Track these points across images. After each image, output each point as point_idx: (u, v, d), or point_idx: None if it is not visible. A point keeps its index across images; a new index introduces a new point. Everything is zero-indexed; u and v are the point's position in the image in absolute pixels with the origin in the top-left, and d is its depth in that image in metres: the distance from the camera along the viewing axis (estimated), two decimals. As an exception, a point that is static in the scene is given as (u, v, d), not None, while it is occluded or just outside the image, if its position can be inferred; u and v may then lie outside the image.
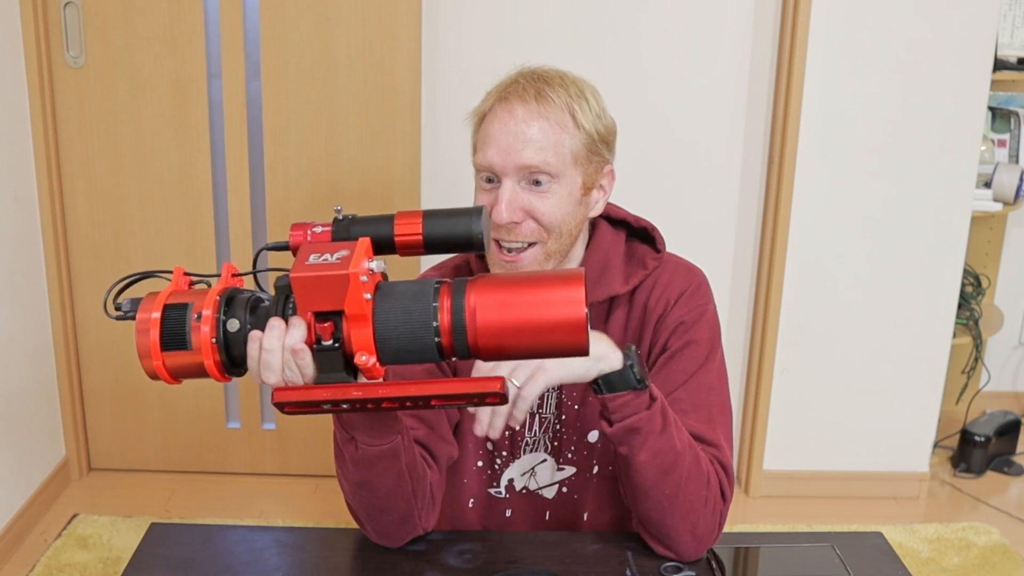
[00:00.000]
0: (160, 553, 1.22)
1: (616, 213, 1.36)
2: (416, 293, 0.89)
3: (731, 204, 2.60)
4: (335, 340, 0.90)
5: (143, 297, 0.94)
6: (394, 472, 1.14)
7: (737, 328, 2.70)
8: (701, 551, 1.21)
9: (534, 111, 1.22)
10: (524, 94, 1.23)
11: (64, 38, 2.42)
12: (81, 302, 2.61)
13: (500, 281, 0.90)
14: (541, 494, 1.36)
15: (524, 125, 1.21)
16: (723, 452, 1.24)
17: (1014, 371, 3.30)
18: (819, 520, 2.61)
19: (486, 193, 1.25)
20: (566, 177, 1.24)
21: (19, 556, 2.33)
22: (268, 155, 2.50)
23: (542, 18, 2.45)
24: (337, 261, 0.88)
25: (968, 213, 2.56)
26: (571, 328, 0.88)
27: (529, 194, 1.22)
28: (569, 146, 1.23)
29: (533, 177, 1.22)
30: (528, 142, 1.21)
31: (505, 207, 1.21)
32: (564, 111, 1.23)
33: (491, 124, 1.24)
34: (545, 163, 1.21)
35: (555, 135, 1.22)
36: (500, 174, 1.22)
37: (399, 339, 0.89)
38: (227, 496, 2.65)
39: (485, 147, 1.23)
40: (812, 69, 2.42)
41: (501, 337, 0.89)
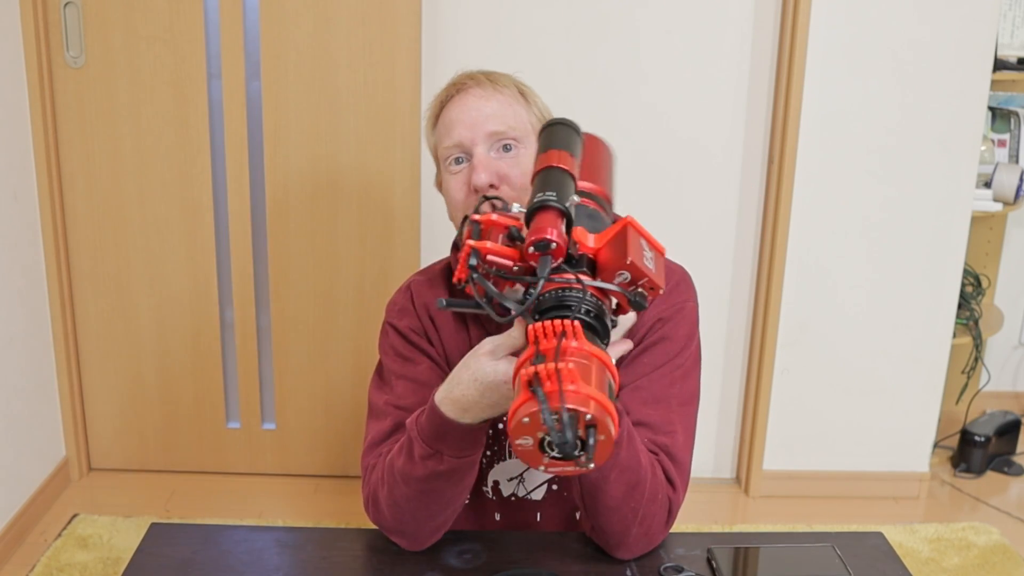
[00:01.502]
0: (160, 553, 1.22)
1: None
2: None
3: (731, 204, 2.60)
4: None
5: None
6: (466, 482, 1.17)
7: (737, 328, 2.70)
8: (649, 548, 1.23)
9: (489, 90, 1.30)
10: (474, 82, 1.31)
11: (64, 38, 2.42)
12: (81, 302, 2.61)
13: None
14: (530, 498, 1.36)
15: (483, 101, 1.28)
16: (674, 439, 1.25)
17: (1014, 371, 3.30)
18: (819, 520, 2.61)
19: (456, 175, 1.29)
20: (529, 142, 1.29)
21: (19, 556, 2.33)
22: (268, 155, 2.50)
23: (541, 18, 2.45)
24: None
25: (968, 213, 2.56)
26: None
27: (500, 160, 1.27)
28: (526, 117, 1.30)
29: (502, 143, 1.27)
30: (490, 114, 1.27)
31: (483, 170, 1.25)
32: (514, 90, 1.32)
33: (450, 111, 1.30)
34: (510, 128, 1.27)
35: (512, 107, 1.29)
36: (470, 146, 1.27)
37: None
38: (227, 496, 2.65)
39: (450, 130, 1.28)
40: (812, 69, 2.42)
41: None
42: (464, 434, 1.11)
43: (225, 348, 2.66)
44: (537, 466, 0.85)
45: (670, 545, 1.24)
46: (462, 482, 1.17)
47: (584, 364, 0.86)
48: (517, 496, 1.36)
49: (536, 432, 0.83)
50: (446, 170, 1.31)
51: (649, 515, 1.19)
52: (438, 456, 1.12)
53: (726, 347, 2.71)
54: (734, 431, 2.78)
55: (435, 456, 1.12)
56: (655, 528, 1.21)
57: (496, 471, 1.35)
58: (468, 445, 1.12)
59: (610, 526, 1.19)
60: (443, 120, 1.31)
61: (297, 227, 2.55)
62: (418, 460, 1.13)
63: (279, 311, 2.62)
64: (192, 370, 2.66)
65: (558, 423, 0.81)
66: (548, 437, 0.83)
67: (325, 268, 2.57)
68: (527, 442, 0.84)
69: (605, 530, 1.20)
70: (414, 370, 1.30)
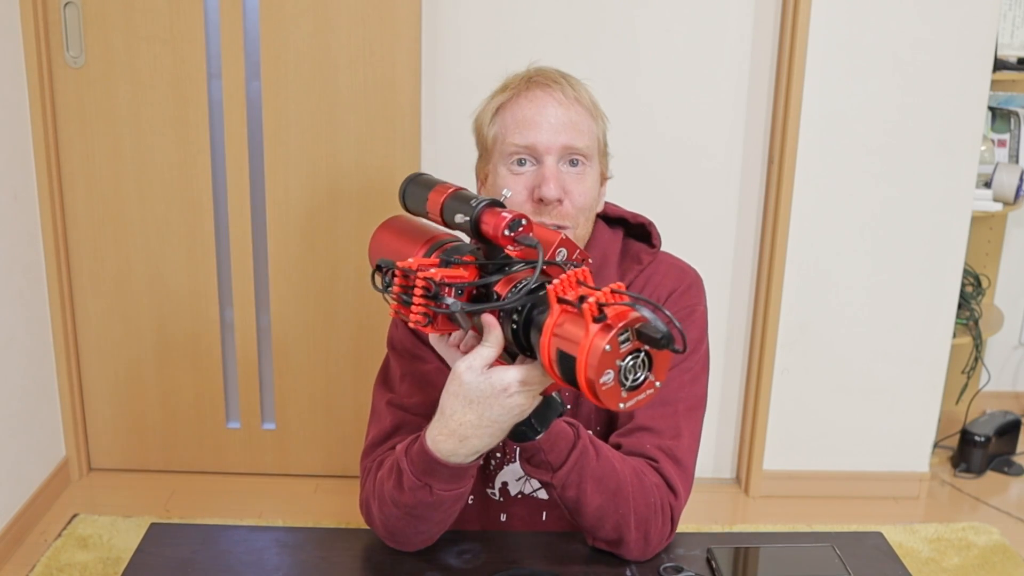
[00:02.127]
0: (160, 553, 1.22)
1: (613, 211, 1.37)
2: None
3: (731, 204, 2.60)
4: None
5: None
6: (455, 508, 1.16)
7: (737, 328, 2.70)
8: (652, 554, 1.22)
9: (570, 96, 1.26)
10: (551, 83, 1.26)
11: (64, 38, 2.42)
12: (81, 302, 2.61)
13: None
14: (537, 496, 1.36)
15: (563, 109, 1.24)
16: (678, 443, 1.25)
17: (1014, 371, 3.30)
18: (819, 520, 2.61)
19: (517, 176, 1.25)
20: (594, 162, 1.27)
21: (19, 556, 2.33)
22: (268, 155, 2.50)
23: (541, 18, 2.45)
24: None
25: (968, 213, 2.56)
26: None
27: (566, 175, 1.25)
28: (596, 133, 1.28)
29: (571, 158, 1.25)
30: (569, 124, 1.24)
31: (554, 183, 1.22)
32: (589, 101, 1.28)
33: (523, 108, 1.25)
34: (586, 145, 1.25)
35: (587, 121, 1.26)
36: (543, 153, 1.24)
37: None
38: (227, 496, 2.65)
39: (523, 129, 1.24)
40: (812, 69, 2.42)
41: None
42: (455, 470, 1.10)
43: (225, 348, 2.66)
44: (616, 405, 0.89)
45: (670, 545, 1.24)
46: (454, 507, 1.16)
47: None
48: (524, 493, 1.36)
49: (615, 361, 0.87)
50: (505, 166, 1.26)
51: (644, 519, 1.18)
52: (427, 488, 1.11)
53: (726, 347, 2.71)
54: (734, 431, 2.78)
55: (424, 488, 1.11)
56: (654, 533, 1.20)
57: (505, 472, 1.35)
58: (458, 478, 1.11)
59: (603, 533, 1.19)
60: (514, 114, 1.26)
61: (297, 227, 2.55)
62: (407, 490, 1.12)
63: (279, 311, 2.62)
64: (192, 370, 2.66)
65: (664, 317, 0.88)
66: (630, 363, 0.88)
67: (325, 268, 2.57)
68: (609, 378, 0.88)
69: (601, 538, 1.21)
70: (422, 368, 1.29)
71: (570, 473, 1.13)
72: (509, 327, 0.99)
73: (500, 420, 1.03)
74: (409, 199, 1.15)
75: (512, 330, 0.98)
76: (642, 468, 1.21)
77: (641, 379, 0.90)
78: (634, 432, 1.25)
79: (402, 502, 1.14)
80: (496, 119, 1.28)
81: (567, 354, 0.89)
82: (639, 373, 0.90)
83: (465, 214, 1.03)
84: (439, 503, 1.13)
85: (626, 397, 0.89)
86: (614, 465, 1.17)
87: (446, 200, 1.07)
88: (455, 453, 1.07)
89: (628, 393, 0.89)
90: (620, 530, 1.18)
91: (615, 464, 1.17)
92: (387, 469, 1.17)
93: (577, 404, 1.32)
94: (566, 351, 0.89)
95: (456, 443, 1.06)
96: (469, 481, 1.13)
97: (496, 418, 1.03)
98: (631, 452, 1.23)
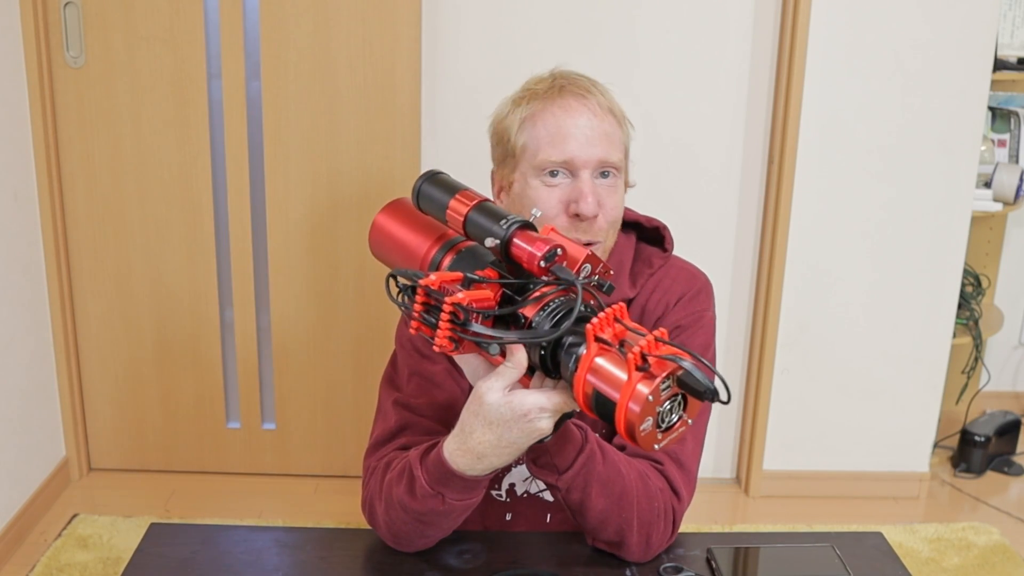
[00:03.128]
0: (160, 553, 1.22)
1: (628, 215, 1.36)
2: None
3: (731, 204, 2.60)
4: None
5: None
6: (464, 516, 1.15)
7: (737, 328, 2.70)
8: (652, 556, 1.22)
9: (604, 106, 1.24)
10: (585, 93, 1.24)
11: (64, 38, 2.42)
12: (81, 302, 2.61)
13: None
14: (542, 497, 1.36)
15: (597, 120, 1.22)
16: (683, 447, 1.25)
17: (1014, 371, 3.30)
18: (819, 520, 2.61)
19: (551, 189, 1.23)
20: (623, 173, 1.27)
21: (19, 556, 2.33)
22: (268, 155, 2.50)
23: (541, 18, 2.45)
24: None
25: (968, 213, 2.56)
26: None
27: (600, 188, 1.23)
28: (625, 143, 1.27)
29: (602, 170, 1.23)
30: (604, 136, 1.22)
31: (593, 199, 1.21)
32: (619, 110, 1.26)
33: (558, 119, 1.22)
34: (619, 159, 1.24)
35: (618, 131, 1.25)
36: (580, 167, 1.22)
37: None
38: (227, 496, 2.65)
39: (559, 142, 1.21)
40: (812, 69, 2.42)
41: None
42: (470, 482, 1.10)
43: (225, 348, 2.66)
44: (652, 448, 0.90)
45: (670, 545, 1.24)
46: (463, 515, 1.15)
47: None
48: (529, 493, 1.36)
49: (655, 409, 0.89)
50: (537, 178, 1.23)
51: (646, 523, 1.18)
52: (439, 497, 1.11)
53: (726, 347, 2.71)
54: (734, 431, 2.78)
55: (437, 497, 1.11)
56: (655, 536, 1.20)
57: (512, 475, 1.35)
58: (472, 489, 1.11)
59: (605, 536, 1.19)
60: (547, 124, 1.22)
61: (297, 226, 2.55)
62: (419, 497, 1.12)
63: (279, 311, 2.62)
64: (192, 370, 2.66)
65: (708, 371, 0.88)
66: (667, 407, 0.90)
67: (325, 268, 2.57)
68: (648, 424, 0.89)
69: (602, 539, 1.20)
70: (430, 368, 1.28)
71: (576, 477, 1.13)
72: (537, 351, 0.98)
73: (519, 442, 1.03)
74: (425, 201, 1.07)
75: (540, 355, 0.98)
76: (647, 471, 1.21)
77: (676, 420, 0.91)
78: None
79: (412, 508, 1.13)
80: (526, 127, 1.24)
81: (605, 397, 0.90)
82: (674, 415, 0.91)
83: (496, 236, 0.99)
84: (450, 511, 1.12)
85: (661, 438, 0.91)
86: (620, 469, 1.16)
87: (471, 213, 1.02)
88: (472, 468, 1.07)
89: (663, 434, 0.91)
90: (622, 533, 1.18)
91: (621, 468, 1.16)
92: (397, 472, 1.16)
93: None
94: (604, 394, 0.90)
95: (473, 460, 1.06)
96: (482, 491, 1.13)
97: (515, 440, 1.03)
98: (636, 454, 1.23)
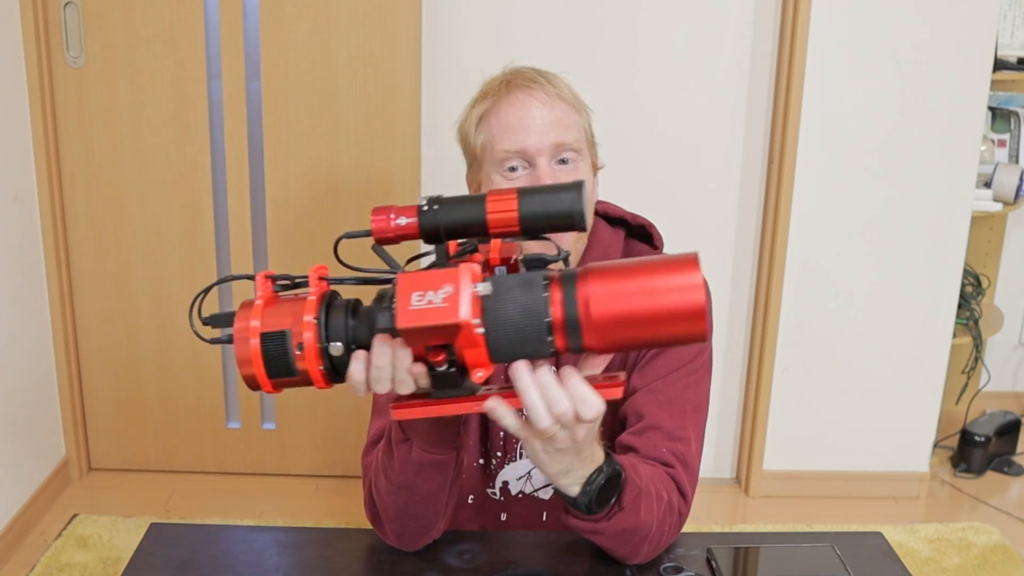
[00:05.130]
0: (160, 553, 1.22)
1: (613, 211, 1.37)
2: (526, 304, 0.83)
3: (731, 204, 2.60)
4: (450, 365, 0.86)
5: (235, 315, 0.90)
6: (438, 482, 1.14)
7: (737, 328, 2.70)
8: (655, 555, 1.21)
9: (551, 93, 1.25)
10: (530, 83, 1.25)
11: (64, 38, 2.42)
12: (81, 302, 2.61)
13: (611, 270, 0.84)
14: (538, 496, 1.36)
15: (546, 108, 1.23)
16: (688, 447, 1.24)
17: (1014, 371, 3.30)
18: (819, 520, 2.61)
19: (512, 182, 1.24)
20: (585, 155, 1.27)
21: (19, 556, 2.33)
22: (268, 155, 2.50)
23: (541, 18, 2.45)
24: (445, 305, 0.82)
25: (968, 213, 2.56)
26: (691, 316, 0.81)
27: (560, 173, 1.24)
28: (582, 125, 1.27)
29: (561, 156, 1.24)
30: (555, 121, 1.23)
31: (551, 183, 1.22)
32: (570, 95, 1.27)
33: (507, 113, 1.24)
34: (575, 140, 1.24)
35: (572, 115, 1.25)
36: (535, 156, 1.23)
37: (512, 351, 0.85)
38: (227, 496, 2.65)
39: (511, 134, 1.23)
40: (812, 69, 2.42)
41: (616, 329, 0.83)
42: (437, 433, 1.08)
43: (225, 348, 2.66)
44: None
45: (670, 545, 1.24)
46: (435, 481, 1.14)
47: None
48: (524, 493, 1.36)
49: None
50: (498, 173, 1.25)
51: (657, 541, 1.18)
52: (407, 444, 1.10)
53: (726, 347, 2.71)
54: (734, 431, 2.78)
55: (406, 444, 1.10)
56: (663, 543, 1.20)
57: (506, 472, 1.35)
58: (439, 441, 1.10)
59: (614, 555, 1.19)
60: (499, 120, 1.24)
61: (297, 227, 2.55)
62: (394, 443, 1.11)
63: (279, 311, 2.61)
64: (192, 370, 2.66)
65: None
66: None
67: (325, 268, 2.56)
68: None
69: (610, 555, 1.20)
70: None
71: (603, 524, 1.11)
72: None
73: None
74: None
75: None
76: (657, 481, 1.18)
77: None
78: (646, 431, 1.24)
79: (390, 472, 1.13)
80: (481, 127, 1.27)
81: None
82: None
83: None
84: (418, 467, 1.11)
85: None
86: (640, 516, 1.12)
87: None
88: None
89: None
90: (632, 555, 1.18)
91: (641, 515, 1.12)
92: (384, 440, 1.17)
93: None
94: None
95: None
96: (451, 453, 1.11)
97: None
98: (648, 456, 1.22)
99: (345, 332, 0.89)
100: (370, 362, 0.89)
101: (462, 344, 0.84)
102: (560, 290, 0.84)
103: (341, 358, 0.89)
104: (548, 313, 0.83)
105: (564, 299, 0.83)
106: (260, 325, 0.89)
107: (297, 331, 0.88)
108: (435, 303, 0.82)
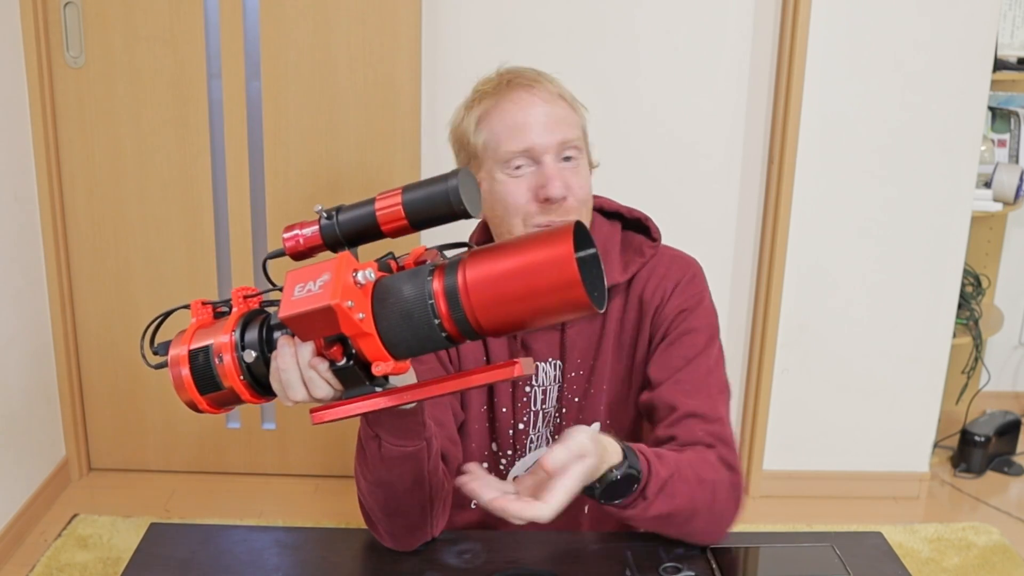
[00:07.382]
0: (160, 553, 1.22)
1: (609, 205, 1.38)
2: (412, 291, 0.87)
3: (731, 204, 2.60)
4: (348, 358, 0.89)
5: (171, 341, 0.97)
6: (413, 476, 1.13)
7: (737, 328, 2.70)
8: (725, 533, 1.23)
9: (552, 92, 1.27)
10: (531, 83, 1.27)
11: (64, 38, 2.42)
12: (81, 302, 2.61)
13: (488, 253, 0.86)
14: None
15: (549, 106, 1.25)
16: (724, 427, 1.26)
17: (1014, 371, 3.30)
18: (819, 520, 2.61)
19: (519, 180, 1.25)
20: (585, 152, 1.28)
21: (19, 556, 2.33)
22: (268, 155, 2.50)
23: (541, 18, 2.45)
24: (320, 291, 0.85)
25: (968, 213, 2.56)
26: (565, 287, 0.82)
27: (565, 170, 1.25)
28: (581, 124, 1.29)
29: (565, 153, 1.25)
30: (558, 119, 1.25)
31: (560, 181, 1.23)
32: (566, 94, 1.29)
33: (511, 112, 1.25)
34: (577, 137, 1.26)
35: (571, 114, 1.27)
36: (541, 153, 1.24)
37: (407, 341, 0.87)
38: (227, 496, 2.65)
39: (517, 133, 1.24)
40: (812, 69, 2.42)
41: (498, 308, 0.84)
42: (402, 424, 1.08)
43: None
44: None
45: (670, 545, 1.24)
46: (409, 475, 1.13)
47: None
48: None
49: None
50: (504, 172, 1.25)
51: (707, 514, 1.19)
52: (376, 440, 1.10)
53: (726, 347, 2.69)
54: (734, 431, 2.78)
55: (374, 440, 1.10)
56: (726, 517, 1.21)
57: (516, 468, 1.36)
58: (406, 433, 1.09)
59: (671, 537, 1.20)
60: (503, 119, 1.25)
61: (297, 227, 2.54)
62: (364, 440, 1.11)
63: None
64: (192, 370, 2.66)
65: None
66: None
67: (325, 268, 2.56)
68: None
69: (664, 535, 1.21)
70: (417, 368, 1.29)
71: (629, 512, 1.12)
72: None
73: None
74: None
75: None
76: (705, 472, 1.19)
77: None
78: (681, 420, 1.25)
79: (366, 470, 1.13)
80: (483, 126, 1.27)
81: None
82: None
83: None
84: (390, 461, 1.10)
85: None
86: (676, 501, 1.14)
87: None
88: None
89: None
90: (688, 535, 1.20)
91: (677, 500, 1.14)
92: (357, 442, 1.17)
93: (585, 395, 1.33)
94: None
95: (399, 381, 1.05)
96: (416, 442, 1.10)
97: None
98: (688, 442, 1.23)
99: (259, 342, 0.94)
100: (277, 366, 0.91)
101: (353, 334, 0.86)
102: (442, 276, 0.86)
103: (256, 366, 0.93)
104: (431, 296, 0.85)
105: (445, 283, 0.86)
106: (187, 348, 0.96)
107: (217, 345, 0.94)
108: (313, 291, 0.86)
